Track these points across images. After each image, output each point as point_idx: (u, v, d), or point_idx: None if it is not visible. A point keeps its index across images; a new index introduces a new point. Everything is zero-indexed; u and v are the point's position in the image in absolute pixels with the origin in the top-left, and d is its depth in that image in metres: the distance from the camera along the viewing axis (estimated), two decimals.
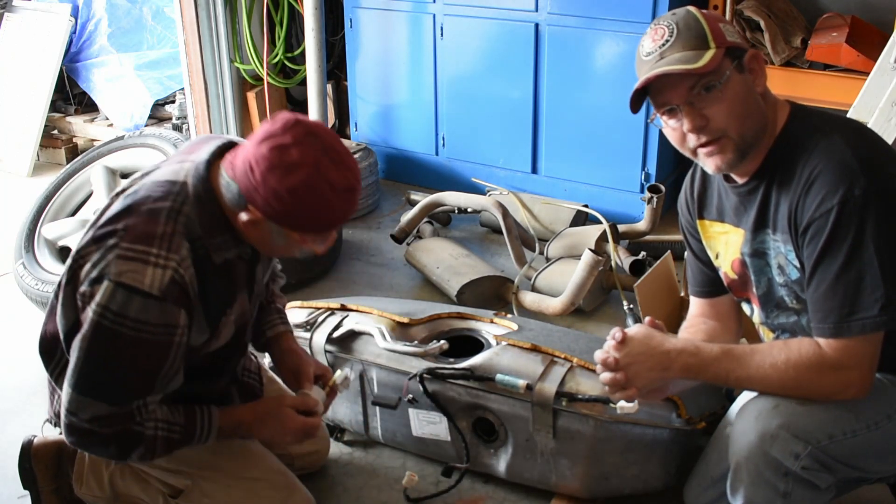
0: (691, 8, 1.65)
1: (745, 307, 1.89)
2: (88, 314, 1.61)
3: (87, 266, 1.64)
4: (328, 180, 1.58)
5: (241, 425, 1.85)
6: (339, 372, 2.04)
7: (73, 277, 1.68)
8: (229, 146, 1.73)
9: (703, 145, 1.64)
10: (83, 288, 1.63)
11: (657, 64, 1.60)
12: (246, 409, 1.88)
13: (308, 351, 2.27)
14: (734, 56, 1.61)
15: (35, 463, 2.00)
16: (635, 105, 1.67)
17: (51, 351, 1.82)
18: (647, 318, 1.74)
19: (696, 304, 2.00)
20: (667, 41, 1.61)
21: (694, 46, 1.59)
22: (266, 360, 2.39)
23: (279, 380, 2.28)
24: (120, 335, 1.59)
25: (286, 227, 1.63)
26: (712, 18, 1.63)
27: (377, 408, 2.26)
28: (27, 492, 2.04)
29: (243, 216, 1.63)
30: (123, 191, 1.76)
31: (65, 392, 1.66)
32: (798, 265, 1.64)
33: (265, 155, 1.57)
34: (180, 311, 1.63)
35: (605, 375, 1.69)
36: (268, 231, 1.65)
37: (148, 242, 1.61)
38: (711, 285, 1.94)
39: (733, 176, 1.73)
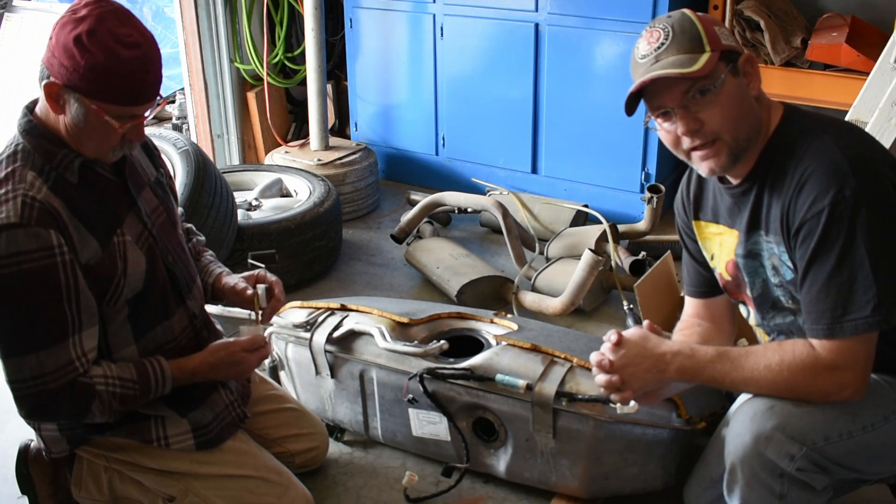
0: (687, 11, 1.65)
1: (742, 309, 1.89)
2: None
3: None
4: (113, 32, 1.62)
5: (195, 374, 1.87)
6: (259, 291, 2.02)
7: None
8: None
9: (696, 148, 1.65)
10: None
11: (652, 67, 1.61)
12: (197, 359, 1.89)
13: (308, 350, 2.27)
14: (729, 59, 1.62)
15: (32, 468, 1.98)
16: (630, 108, 1.68)
17: None
18: (646, 322, 1.74)
19: (690, 305, 2.00)
20: (662, 44, 1.61)
21: (689, 50, 1.59)
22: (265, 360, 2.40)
23: (270, 380, 2.29)
24: (3, 277, 1.61)
25: (81, 93, 1.64)
26: (707, 21, 1.63)
27: (377, 408, 2.26)
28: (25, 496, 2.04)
29: (42, 85, 1.66)
30: None
31: (5, 368, 1.68)
32: (792, 266, 1.64)
33: (61, 19, 1.64)
34: (48, 231, 1.64)
35: (601, 378, 1.70)
36: (67, 103, 1.67)
37: None
38: (707, 286, 1.95)
39: (727, 177, 1.74)
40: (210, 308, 2.20)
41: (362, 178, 4.06)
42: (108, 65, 1.62)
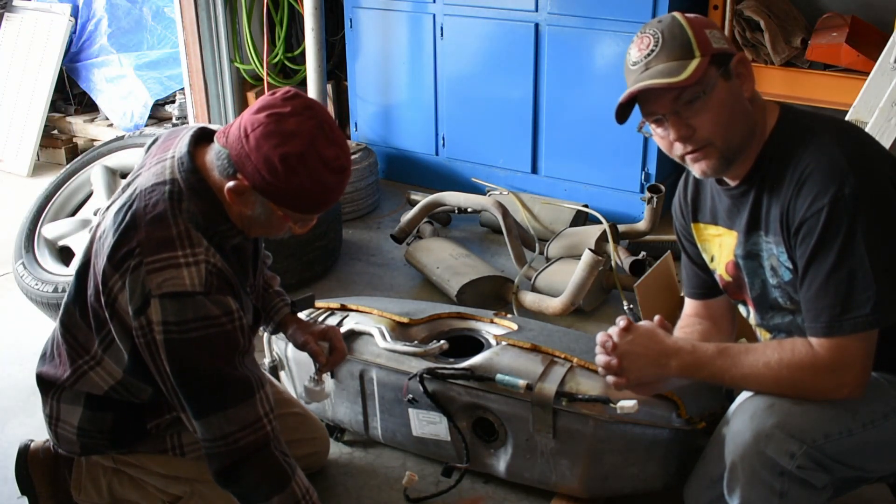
0: (678, 14, 1.64)
1: (742, 309, 1.89)
2: (157, 339, 1.58)
3: (124, 299, 1.61)
4: (322, 155, 1.57)
5: None
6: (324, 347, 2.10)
7: (114, 313, 1.66)
8: (203, 132, 1.73)
9: (689, 153, 1.65)
10: (135, 323, 1.60)
11: (641, 76, 1.61)
12: None
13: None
14: (720, 63, 1.61)
15: (32, 469, 1.97)
16: (621, 116, 1.68)
17: (51, 384, 1.83)
18: (658, 317, 1.76)
19: (690, 305, 2.01)
20: (652, 51, 1.61)
21: (679, 56, 1.59)
22: (265, 360, 2.41)
23: (276, 382, 2.29)
24: (192, 340, 1.58)
25: (272, 201, 1.61)
26: (698, 25, 1.62)
27: (377, 408, 2.26)
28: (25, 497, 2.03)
29: (230, 184, 1.60)
30: (108, 207, 1.75)
31: (196, 428, 1.66)
32: (790, 266, 1.64)
33: (262, 121, 1.56)
34: (227, 297, 1.62)
35: (601, 358, 1.72)
36: (252, 203, 1.63)
37: (170, 247, 1.60)
38: (706, 287, 1.95)
39: (725, 179, 1.74)
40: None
41: (362, 178, 4.06)
42: (314, 189, 1.60)
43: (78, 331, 1.78)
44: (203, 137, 1.72)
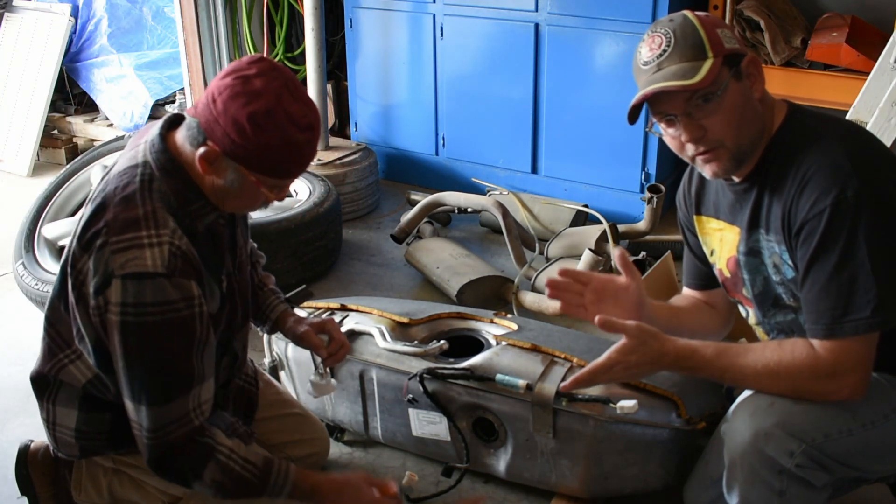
0: (688, 13, 1.63)
1: (741, 309, 1.89)
2: (111, 320, 1.58)
3: (89, 278, 1.61)
4: (288, 112, 1.57)
5: (316, 491, 1.80)
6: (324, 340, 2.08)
7: (81, 296, 1.65)
8: (176, 118, 1.73)
9: (700, 153, 1.65)
10: (93, 302, 1.61)
11: (654, 76, 1.60)
12: (324, 478, 1.85)
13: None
14: (732, 63, 1.60)
15: (32, 469, 1.96)
16: (632, 116, 1.67)
17: (44, 385, 1.82)
18: (619, 251, 1.78)
19: (689, 293, 2.02)
20: (664, 51, 1.60)
21: (691, 57, 1.58)
22: (264, 360, 2.41)
23: (276, 382, 2.29)
24: (146, 324, 1.58)
25: (243, 164, 1.61)
26: (710, 24, 1.61)
27: (377, 408, 2.26)
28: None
29: (200, 151, 1.60)
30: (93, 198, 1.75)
31: (133, 412, 1.65)
32: (793, 264, 1.64)
33: (228, 84, 1.57)
34: (191, 282, 1.61)
35: (602, 371, 1.72)
36: (223, 170, 1.63)
37: (135, 228, 1.60)
38: (706, 279, 1.96)
39: None
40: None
41: (362, 178, 4.06)
42: (282, 147, 1.59)
43: (62, 325, 1.77)
44: (177, 122, 1.72)
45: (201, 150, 1.60)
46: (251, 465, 1.72)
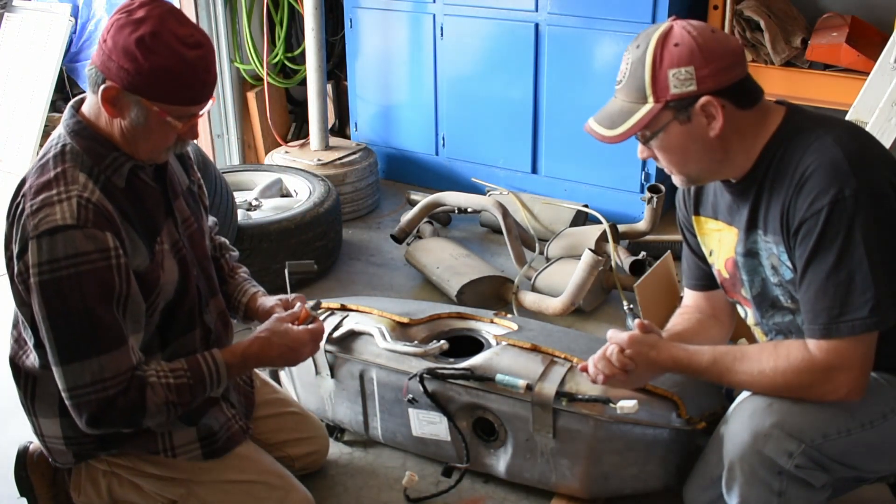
0: (654, 40, 1.60)
1: (739, 309, 1.90)
2: (31, 284, 1.60)
3: (13, 249, 1.65)
4: (175, 32, 1.61)
5: (248, 358, 1.83)
6: (308, 305, 2.01)
7: (11, 273, 1.69)
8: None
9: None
10: (16, 270, 1.64)
11: (601, 110, 1.69)
12: (247, 342, 1.86)
13: None
14: (679, 108, 1.60)
15: (31, 471, 1.97)
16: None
17: (17, 372, 1.83)
18: (637, 321, 1.77)
19: (690, 297, 2.02)
20: (620, 81, 1.67)
21: (633, 98, 1.63)
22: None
23: (272, 382, 2.29)
24: (62, 279, 1.59)
25: (143, 95, 1.62)
26: (666, 63, 1.58)
27: (377, 408, 2.26)
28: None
29: (100, 90, 1.63)
30: None
31: (57, 375, 1.66)
32: (791, 265, 1.65)
33: (114, 20, 1.62)
34: (105, 233, 1.62)
35: (605, 369, 1.76)
36: (126, 106, 1.64)
37: (47, 189, 1.63)
38: (707, 279, 1.96)
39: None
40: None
41: (362, 178, 4.06)
42: (174, 66, 1.61)
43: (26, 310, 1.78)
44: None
45: (101, 88, 1.63)
46: (180, 371, 1.74)
